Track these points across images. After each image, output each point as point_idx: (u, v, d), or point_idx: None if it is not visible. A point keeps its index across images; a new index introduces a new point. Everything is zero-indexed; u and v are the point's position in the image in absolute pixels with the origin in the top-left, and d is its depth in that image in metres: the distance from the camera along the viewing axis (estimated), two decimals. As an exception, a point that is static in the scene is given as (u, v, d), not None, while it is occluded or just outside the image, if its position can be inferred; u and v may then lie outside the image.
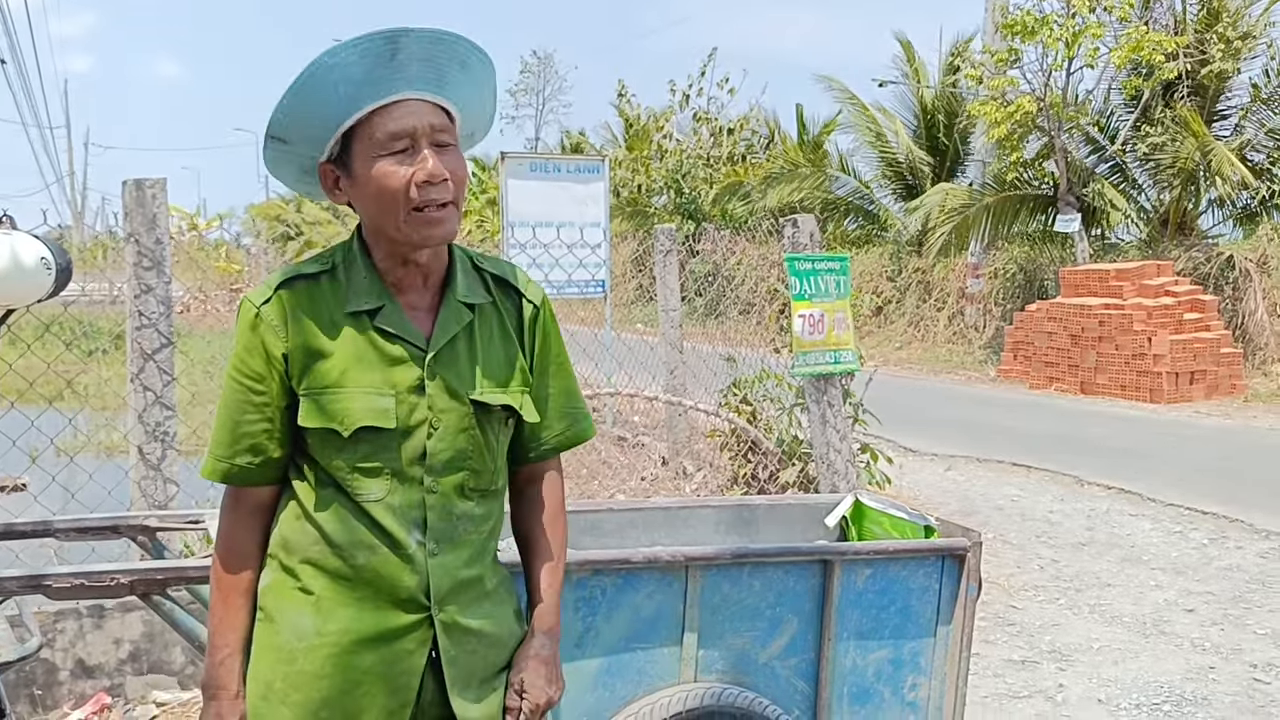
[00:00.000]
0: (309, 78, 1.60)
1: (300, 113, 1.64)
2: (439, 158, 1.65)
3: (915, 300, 20.36)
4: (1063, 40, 15.17)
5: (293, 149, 1.70)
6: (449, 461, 1.72)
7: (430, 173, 1.63)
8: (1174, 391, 13.10)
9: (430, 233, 1.66)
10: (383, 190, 1.64)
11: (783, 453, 6.47)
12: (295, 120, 1.65)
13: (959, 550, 2.89)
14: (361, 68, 1.60)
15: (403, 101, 1.64)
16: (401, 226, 1.65)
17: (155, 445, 4.00)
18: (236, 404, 1.70)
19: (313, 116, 1.64)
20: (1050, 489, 8.37)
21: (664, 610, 2.63)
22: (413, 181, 1.63)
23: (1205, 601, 5.62)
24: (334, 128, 1.65)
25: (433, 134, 1.65)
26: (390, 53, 1.60)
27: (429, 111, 1.65)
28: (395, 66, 1.61)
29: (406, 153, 1.63)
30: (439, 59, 1.64)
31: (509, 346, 1.80)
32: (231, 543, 1.75)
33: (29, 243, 3.52)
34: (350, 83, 1.61)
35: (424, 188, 1.63)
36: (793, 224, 5.46)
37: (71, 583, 2.20)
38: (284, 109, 1.64)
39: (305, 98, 1.62)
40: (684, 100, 25.27)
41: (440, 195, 1.65)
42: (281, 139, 1.68)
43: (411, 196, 1.63)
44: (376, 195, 1.65)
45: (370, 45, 1.59)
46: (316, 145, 1.69)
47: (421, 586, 1.70)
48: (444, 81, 1.67)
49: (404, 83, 1.63)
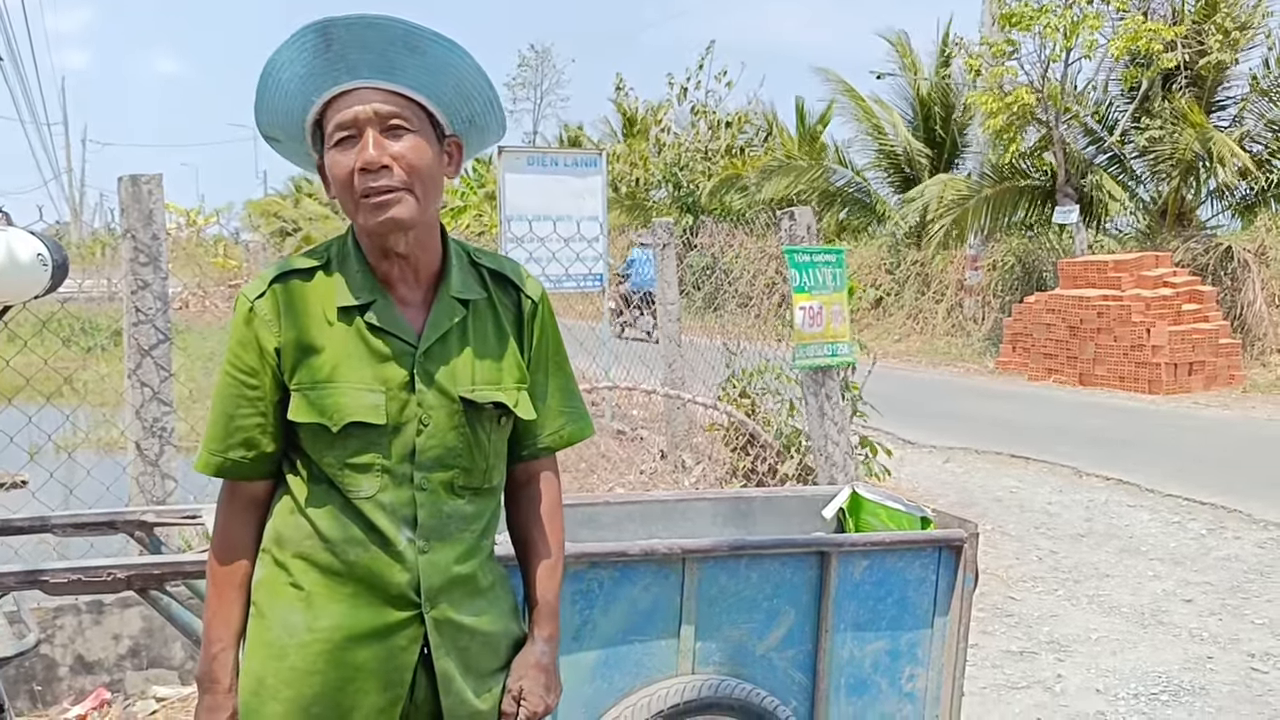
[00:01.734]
0: (264, 78, 1.63)
1: (269, 113, 1.67)
2: (387, 144, 1.62)
3: (914, 292, 20.35)
4: (1060, 30, 15.14)
5: (286, 145, 1.73)
6: (438, 459, 1.71)
7: (366, 160, 1.61)
8: (1172, 382, 13.10)
9: (376, 218, 1.63)
10: (334, 180, 1.66)
11: (781, 445, 6.47)
12: (270, 120, 1.68)
13: (956, 541, 2.89)
14: (301, 62, 1.61)
15: (351, 91, 1.63)
16: (355, 214, 1.66)
17: (153, 441, 4.01)
18: (230, 398, 1.70)
19: (280, 115, 1.67)
20: (1049, 480, 8.37)
21: (661, 603, 2.64)
22: (354, 170, 1.62)
23: (1203, 592, 5.62)
24: (300, 123, 1.68)
25: (380, 121, 1.63)
26: (324, 44, 1.60)
27: (377, 98, 1.63)
28: (332, 57, 1.61)
29: (352, 141, 1.63)
30: (379, 44, 1.62)
31: (504, 343, 1.79)
32: (226, 537, 1.75)
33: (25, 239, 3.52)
34: (296, 78, 1.62)
35: (362, 175, 1.62)
36: (790, 216, 5.46)
37: (69, 578, 2.20)
38: (256, 110, 1.67)
39: (267, 98, 1.65)
40: (682, 93, 25.22)
41: (381, 181, 1.62)
42: (272, 137, 1.71)
43: (356, 185, 1.63)
44: (334, 185, 1.67)
45: (302, 39, 1.60)
46: (298, 140, 1.71)
47: (412, 584, 1.70)
48: (392, 67, 1.64)
49: (346, 71, 1.62)
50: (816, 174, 21.64)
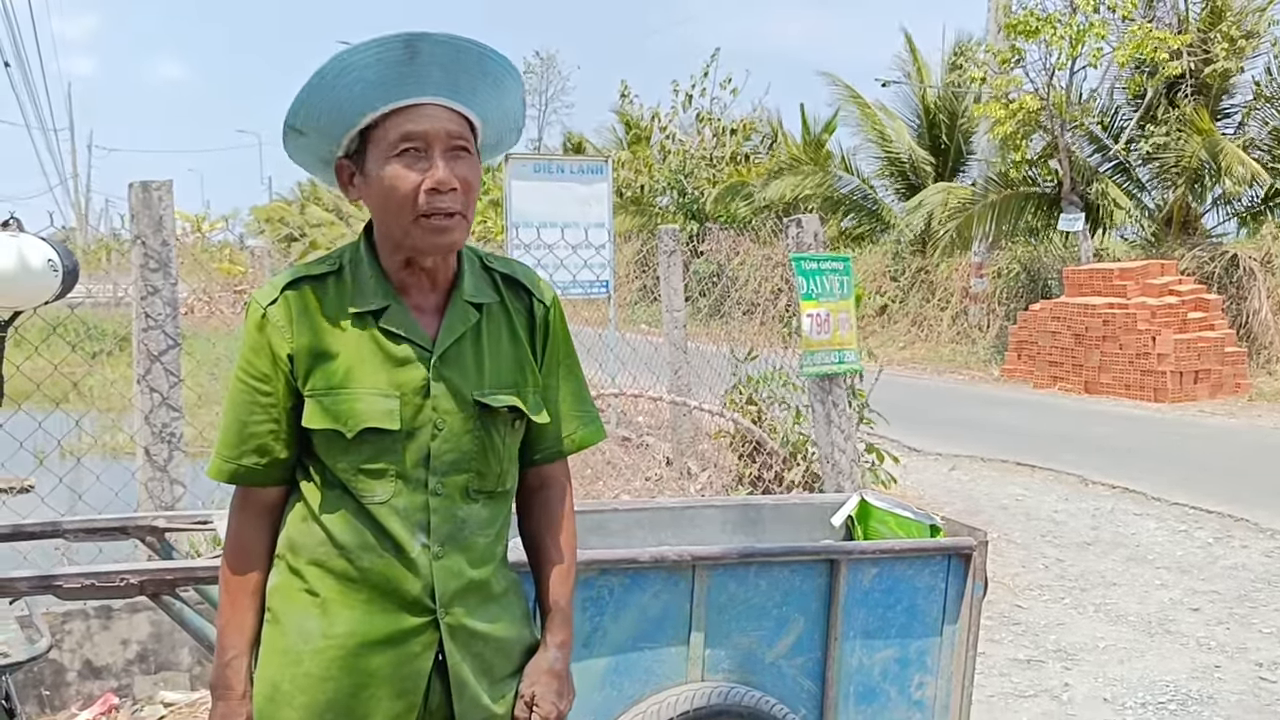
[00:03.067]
0: (325, 74, 1.61)
1: (316, 108, 1.64)
2: (451, 165, 1.64)
3: (919, 300, 20.35)
4: (1066, 39, 15.15)
5: (310, 140, 1.70)
6: (453, 463, 1.72)
7: (439, 180, 1.63)
8: (1178, 391, 13.08)
9: (435, 241, 1.66)
10: (391, 193, 1.64)
11: (788, 453, 6.47)
12: (311, 114, 1.65)
13: (965, 549, 2.89)
14: (377, 70, 1.60)
15: (420, 105, 1.64)
16: (409, 231, 1.65)
17: (162, 447, 4.01)
18: (243, 404, 1.71)
19: (328, 113, 1.65)
20: (1055, 488, 8.36)
21: (671, 610, 2.64)
22: (421, 188, 1.63)
23: (1210, 600, 5.61)
24: (349, 125, 1.66)
25: (448, 140, 1.65)
26: (408, 56, 1.60)
27: (447, 118, 1.65)
28: (413, 70, 1.61)
29: (418, 157, 1.63)
30: (460, 67, 1.64)
31: (517, 347, 1.79)
32: (240, 543, 1.75)
33: (36, 245, 3.54)
34: (365, 83, 1.61)
35: (431, 195, 1.63)
36: (797, 224, 5.46)
37: (81, 583, 2.21)
38: (300, 102, 1.64)
39: (321, 93, 1.62)
40: (687, 100, 25.26)
41: (448, 204, 1.64)
42: (299, 130, 1.69)
43: (419, 203, 1.63)
44: (385, 197, 1.65)
45: (387, 48, 1.59)
46: (332, 140, 1.69)
47: (426, 589, 1.70)
48: (466, 90, 1.66)
49: (420, 87, 1.63)
50: (821, 179, 21.65)
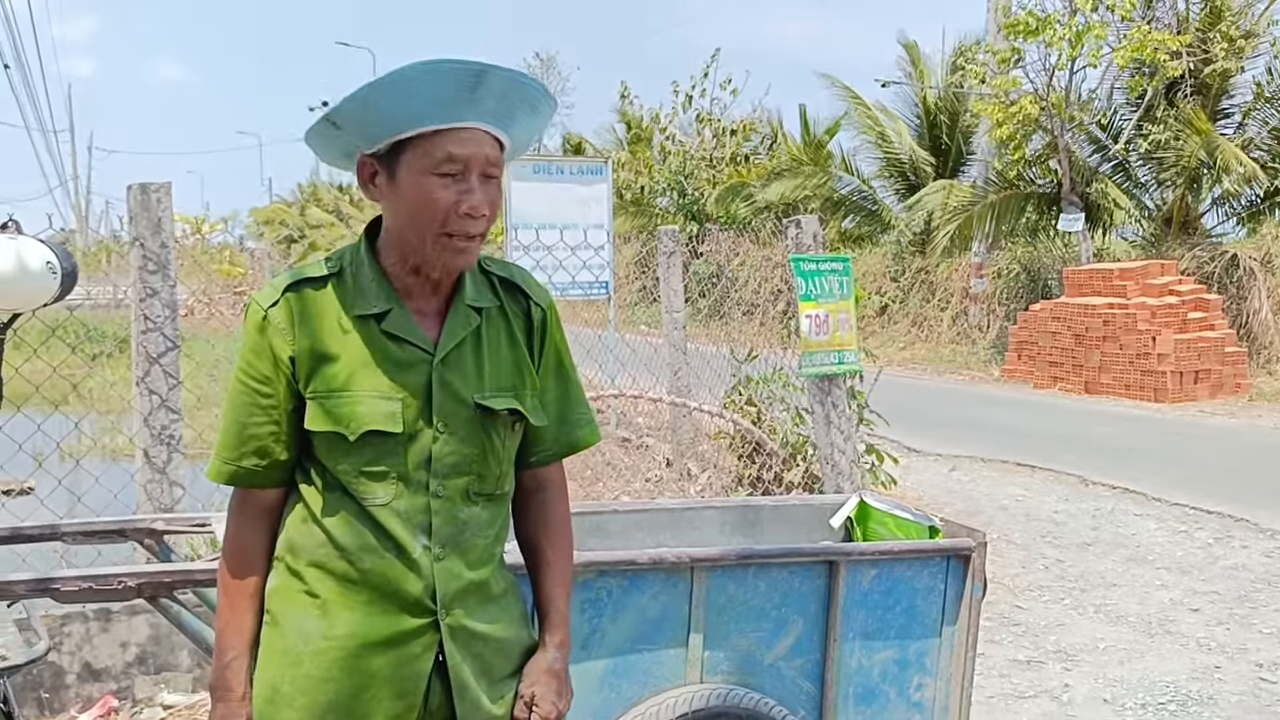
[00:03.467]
0: (392, 82, 1.62)
1: (369, 110, 1.65)
2: (484, 190, 1.68)
3: (919, 300, 20.35)
4: (1066, 39, 15.15)
5: (343, 135, 1.71)
6: (455, 466, 1.73)
7: (474, 205, 1.66)
8: (1178, 391, 13.08)
9: (454, 260, 1.70)
10: (423, 206, 1.66)
11: (788, 453, 6.47)
12: (361, 114, 1.66)
13: (964, 550, 2.89)
14: (442, 88, 1.62)
15: (469, 128, 1.67)
16: (429, 245, 1.68)
17: (161, 449, 4.01)
18: (243, 406, 1.71)
19: (378, 117, 1.66)
20: (1055, 489, 8.36)
21: (669, 611, 2.64)
22: (455, 209, 1.65)
23: (1211, 601, 5.61)
24: (394, 132, 1.67)
25: (485, 165, 1.69)
26: (474, 84, 1.63)
27: (489, 143, 1.69)
28: (474, 97, 1.65)
29: (456, 178, 1.66)
30: (513, 98, 1.68)
31: (516, 350, 1.81)
32: (238, 545, 1.75)
33: (34, 247, 3.53)
34: (425, 99, 1.62)
35: (463, 218, 1.66)
36: (796, 225, 5.46)
37: (79, 586, 2.21)
38: (355, 101, 1.64)
39: (381, 98, 1.63)
40: (687, 101, 25.25)
41: (475, 228, 1.68)
42: (337, 124, 1.69)
43: (449, 222, 1.66)
44: (414, 208, 1.66)
45: (459, 72, 1.62)
46: (367, 140, 1.69)
47: (427, 590, 1.71)
48: (512, 119, 1.71)
49: (476, 113, 1.66)
50: (822, 180, 21.66)
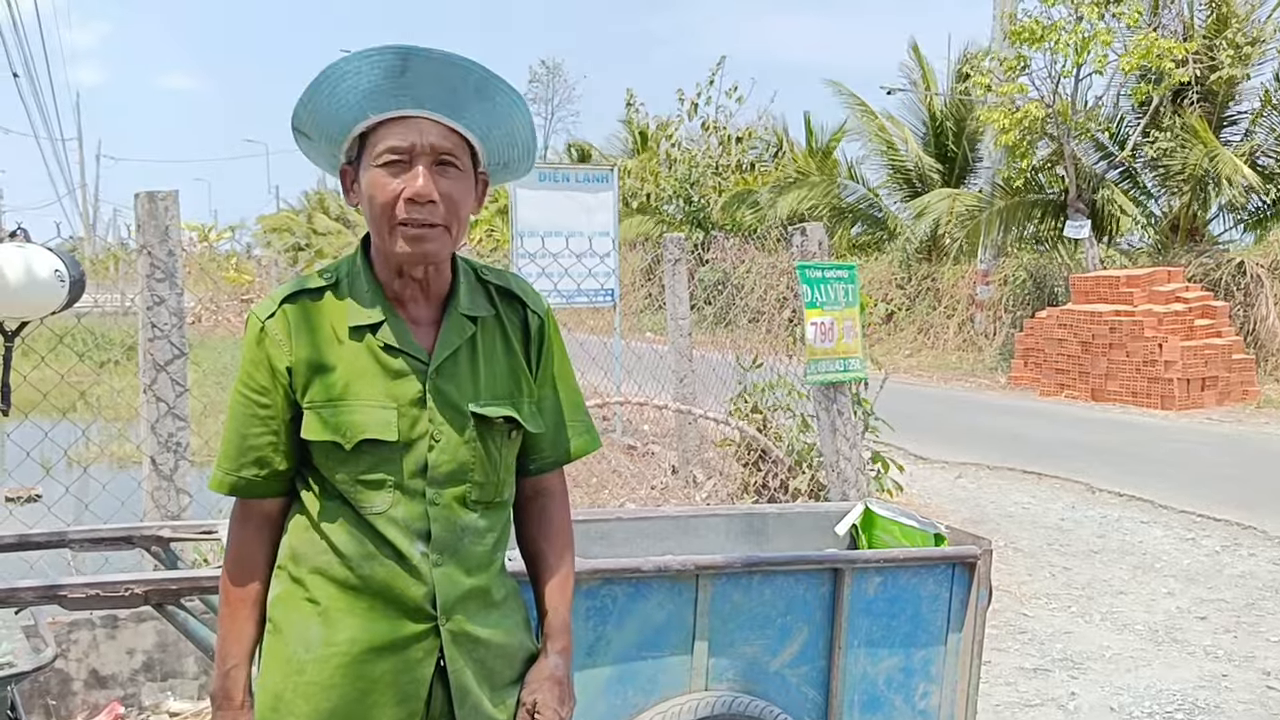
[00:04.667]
0: (323, 79, 1.65)
1: (314, 111, 1.68)
2: (436, 179, 1.66)
3: (925, 307, 20.33)
4: (1072, 46, 15.15)
5: (315, 144, 1.75)
6: (451, 474, 1.73)
7: (416, 191, 1.64)
8: (1185, 398, 13.05)
9: (408, 249, 1.67)
10: (372, 200, 1.67)
11: (793, 461, 6.47)
12: (311, 118, 1.70)
13: (969, 558, 2.89)
14: (370, 78, 1.63)
15: (410, 118, 1.66)
16: (387, 239, 1.68)
17: (168, 456, 4.02)
18: (243, 417, 1.73)
19: (326, 117, 1.69)
20: (1061, 496, 8.34)
21: (675, 619, 2.64)
22: (400, 196, 1.65)
23: (1218, 609, 5.59)
24: (345, 131, 1.70)
25: (434, 154, 1.67)
26: (400, 68, 1.63)
27: (436, 132, 1.67)
28: (405, 83, 1.64)
29: (402, 168, 1.66)
30: (453, 82, 1.66)
31: (512, 359, 1.81)
32: (240, 554, 1.77)
33: (43, 255, 3.55)
34: (358, 91, 1.64)
35: (409, 205, 1.65)
36: (801, 232, 5.47)
37: (87, 593, 2.22)
38: (301, 105, 1.68)
39: (318, 98, 1.67)
40: (693, 109, 25.27)
41: (425, 215, 1.66)
42: (304, 133, 1.73)
43: (396, 212, 1.65)
44: (368, 204, 1.69)
45: (381, 58, 1.63)
46: (334, 145, 1.73)
47: (428, 596, 1.71)
48: (459, 106, 1.69)
49: (413, 100, 1.66)
50: (828, 189, 21.67)
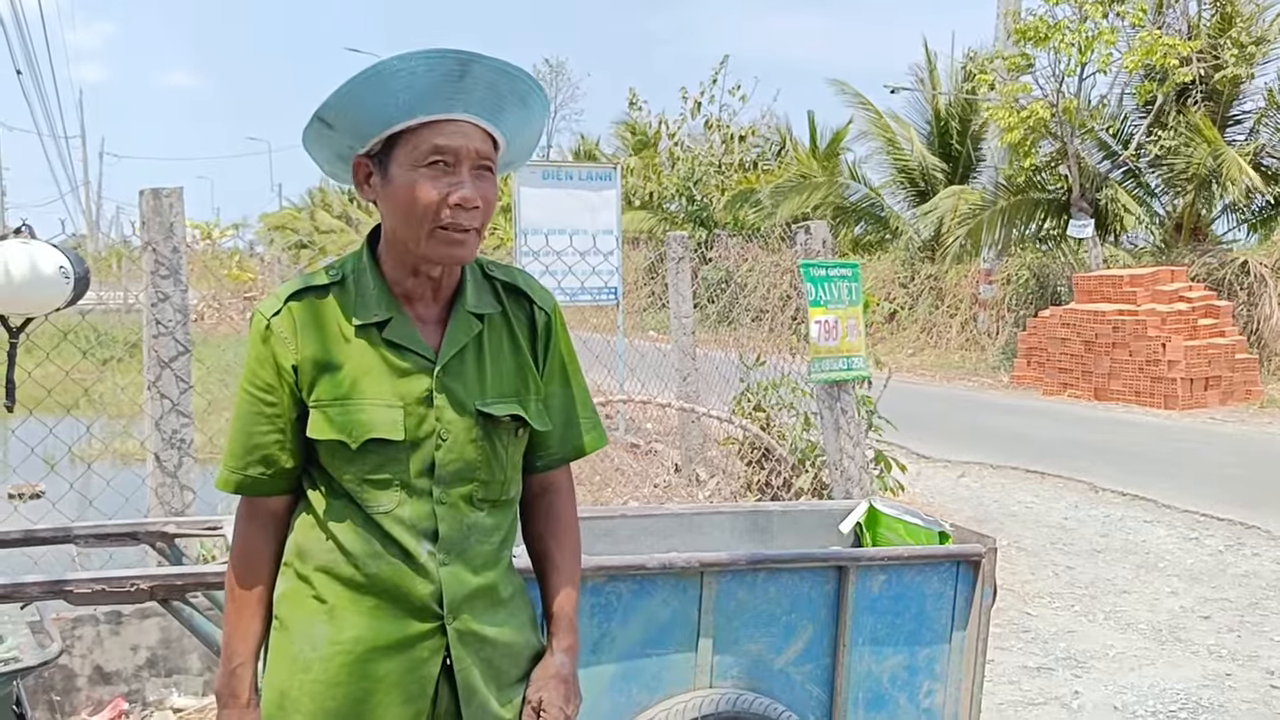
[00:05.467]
0: (374, 74, 1.62)
1: (354, 104, 1.65)
2: (476, 184, 1.67)
3: (928, 306, 20.32)
4: (1076, 45, 15.13)
5: (335, 135, 1.71)
6: (458, 473, 1.73)
7: (464, 197, 1.65)
8: (1188, 398, 13.04)
9: (450, 253, 1.68)
10: (413, 202, 1.65)
11: (796, 460, 6.46)
12: (347, 110, 1.66)
13: (974, 556, 2.89)
14: (428, 80, 1.62)
15: (457, 121, 1.66)
16: (423, 241, 1.67)
17: (172, 453, 4.03)
18: (249, 415, 1.72)
19: (365, 111, 1.66)
20: (1065, 495, 8.34)
21: (679, 616, 2.64)
22: (446, 201, 1.65)
23: (1221, 608, 5.59)
24: (382, 127, 1.67)
25: (477, 158, 1.68)
26: (460, 73, 1.63)
27: (479, 136, 1.68)
28: (461, 87, 1.64)
29: (446, 171, 1.66)
30: (502, 89, 1.67)
31: (519, 356, 1.81)
32: (246, 552, 1.77)
33: (48, 252, 3.56)
34: (412, 91, 1.63)
35: (455, 210, 1.65)
36: (805, 230, 5.46)
37: (92, 588, 2.22)
38: (340, 96, 1.65)
39: (364, 92, 1.64)
40: (695, 107, 25.25)
41: (469, 220, 1.67)
42: (327, 123, 1.70)
43: (441, 215, 1.65)
44: (406, 205, 1.66)
45: (442, 61, 1.62)
46: (360, 138, 1.70)
47: (435, 595, 1.71)
48: (501, 112, 1.70)
49: (464, 105, 1.66)
50: (830, 189, 21.65)
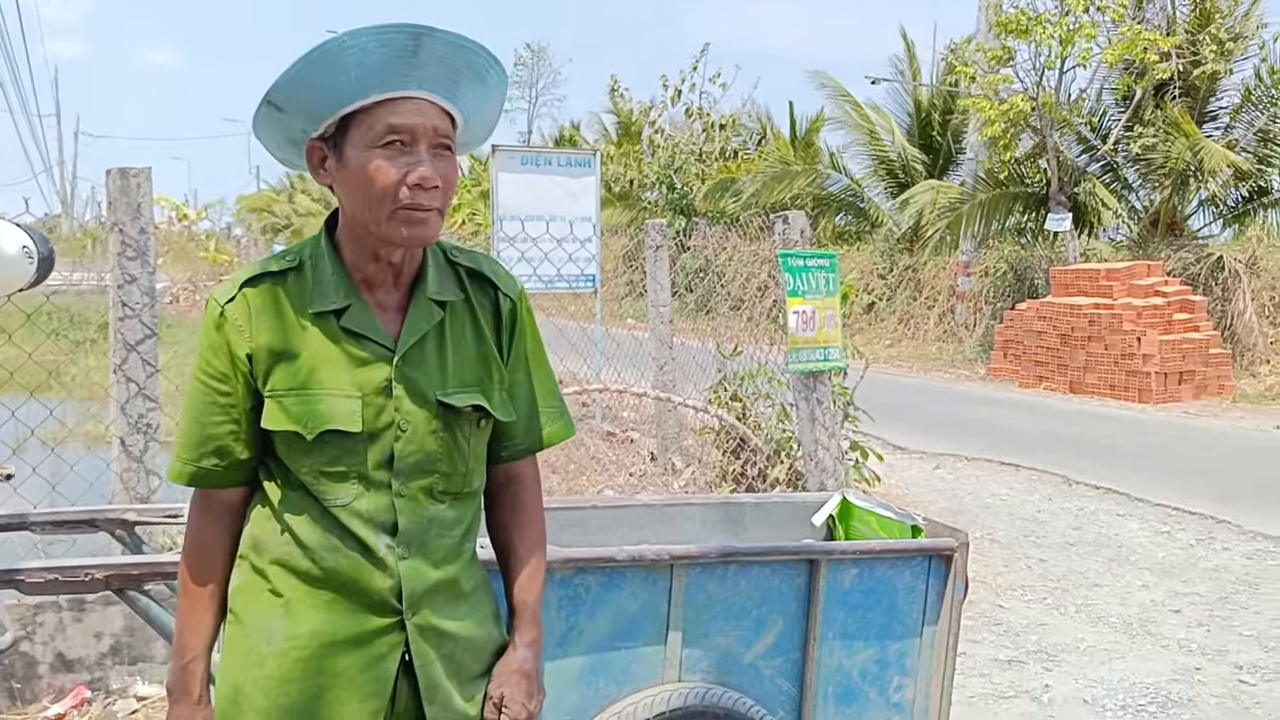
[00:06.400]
0: (323, 53, 1.56)
1: (305, 85, 1.59)
2: (435, 162, 1.62)
3: (906, 298, 20.37)
4: (1056, 38, 15.16)
5: (286, 118, 1.65)
6: (417, 465, 1.68)
7: (423, 176, 1.60)
8: (1162, 392, 13.12)
9: (411, 233, 1.63)
10: (371, 183, 1.60)
11: (772, 450, 6.45)
12: (297, 91, 1.60)
13: (946, 550, 2.87)
14: (380, 56, 1.56)
15: (412, 98, 1.61)
16: (383, 223, 1.62)
17: (138, 437, 3.96)
18: (202, 405, 1.67)
19: (316, 92, 1.60)
20: (1039, 488, 8.37)
21: (648, 609, 2.60)
22: (404, 181, 1.59)
23: (1192, 603, 5.62)
24: (335, 108, 1.61)
25: (434, 137, 1.62)
26: (412, 48, 1.57)
27: (435, 114, 1.63)
28: (414, 63, 1.58)
29: (403, 151, 1.60)
30: (457, 65, 1.62)
31: (482, 344, 1.76)
32: (199, 545, 1.72)
33: (10, 230, 3.47)
34: (364, 68, 1.57)
35: (414, 190, 1.60)
36: (784, 220, 5.43)
37: (45, 578, 2.16)
38: (289, 77, 1.59)
39: (314, 72, 1.58)
40: (676, 95, 25.18)
41: (428, 200, 1.62)
42: (278, 106, 1.63)
43: (400, 196, 1.60)
44: (363, 187, 1.61)
45: (393, 36, 1.56)
46: (312, 121, 1.64)
47: (393, 590, 1.67)
48: (457, 88, 1.64)
49: (417, 81, 1.60)
50: (810, 179, 21.64)
